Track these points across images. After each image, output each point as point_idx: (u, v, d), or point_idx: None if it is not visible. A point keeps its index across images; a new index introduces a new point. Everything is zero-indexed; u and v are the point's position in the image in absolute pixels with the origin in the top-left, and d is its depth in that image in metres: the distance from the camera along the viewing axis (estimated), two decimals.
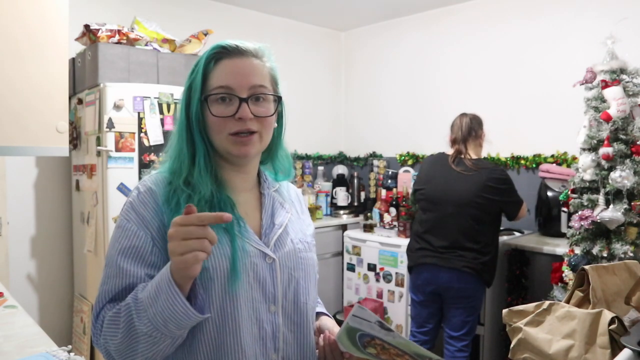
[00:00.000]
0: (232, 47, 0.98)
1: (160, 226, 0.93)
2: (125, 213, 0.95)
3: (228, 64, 0.97)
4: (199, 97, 0.96)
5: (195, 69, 0.99)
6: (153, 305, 0.82)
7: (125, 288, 0.89)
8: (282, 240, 1.03)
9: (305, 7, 3.89)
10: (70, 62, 2.75)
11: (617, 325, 0.98)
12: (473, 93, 3.68)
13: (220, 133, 0.96)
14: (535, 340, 1.07)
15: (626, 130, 2.31)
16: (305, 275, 1.05)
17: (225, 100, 0.95)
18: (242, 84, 0.95)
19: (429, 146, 3.91)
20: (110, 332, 0.86)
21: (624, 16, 2.65)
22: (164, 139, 2.64)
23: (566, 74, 2.98)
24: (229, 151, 0.97)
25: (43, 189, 3.01)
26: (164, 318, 0.81)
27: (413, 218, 3.45)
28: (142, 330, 0.83)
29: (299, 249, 1.05)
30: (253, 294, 0.95)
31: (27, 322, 1.59)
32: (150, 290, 0.83)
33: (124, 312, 0.85)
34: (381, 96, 4.29)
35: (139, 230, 0.92)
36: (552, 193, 3.01)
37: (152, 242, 0.92)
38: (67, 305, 3.07)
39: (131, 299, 0.85)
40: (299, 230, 1.09)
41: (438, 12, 3.89)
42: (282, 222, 1.06)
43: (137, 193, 0.96)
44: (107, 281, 0.91)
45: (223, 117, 0.95)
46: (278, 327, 0.98)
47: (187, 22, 3.39)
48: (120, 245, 0.92)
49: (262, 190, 1.08)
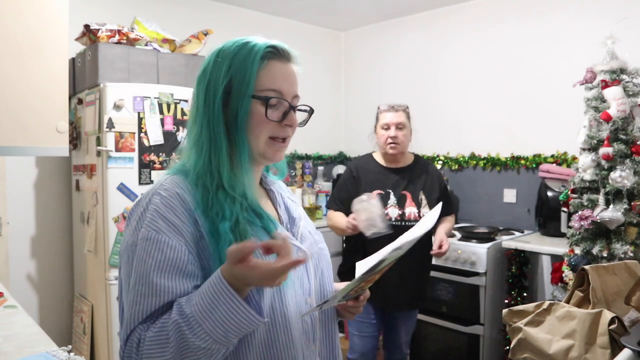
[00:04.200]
0: (283, 49, 0.96)
1: (193, 231, 0.87)
2: (150, 223, 0.86)
3: (279, 66, 0.95)
4: (250, 94, 0.91)
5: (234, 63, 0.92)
6: (210, 318, 0.77)
7: (163, 306, 0.83)
8: (304, 233, 1.06)
9: (305, 7, 3.89)
10: (70, 62, 2.75)
11: (617, 325, 0.98)
12: (473, 93, 3.68)
13: (261, 134, 0.93)
14: (535, 340, 1.07)
15: (626, 130, 2.31)
16: (326, 264, 1.09)
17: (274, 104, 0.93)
18: (290, 90, 0.95)
19: (428, 146, 3.91)
20: (156, 353, 0.80)
21: (624, 16, 2.65)
22: (164, 139, 2.64)
23: (566, 74, 2.98)
24: (263, 153, 0.95)
25: (43, 189, 3.01)
26: (225, 329, 0.78)
27: None
28: (199, 345, 0.78)
29: (317, 240, 1.08)
30: (295, 289, 0.96)
31: (27, 322, 1.58)
32: (203, 303, 0.78)
33: (173, 329, 0.78)
34: (381, 96, 4.28)
35: (171, 240, 0.85)
36: (552, 193, 3.01)
37: (187, 249, 0.86)
38: (67, 305, 3.07)
39: (178, 315, 0.79)
40: (308, 223, 1.11)
41: (438, 12, 3.89)
42: (299, 215, 1.08)
43: (159, 198, 0.88)
44: (140, 301, 0.83)
45: (274, 120, 0.93)
46: (315, 319, 1.01)
47: (187, 22, 3.39)
48: (153, 260, 0.83)
49: (265, 186, 1.09)
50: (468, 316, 2.93)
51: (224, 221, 0.87)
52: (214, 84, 0.93)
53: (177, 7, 3.49)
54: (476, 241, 3.01)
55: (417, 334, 3.21)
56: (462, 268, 2.95)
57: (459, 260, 2.96)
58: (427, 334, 3.16)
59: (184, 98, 2.72)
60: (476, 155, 3.66)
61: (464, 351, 2.96)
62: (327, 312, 1.06)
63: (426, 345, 3.19)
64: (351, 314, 1.09)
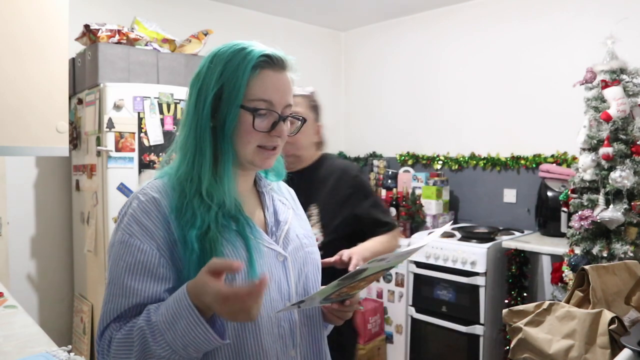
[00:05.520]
0: (278, 58, 0.95)
1: (166, 236, 0.89)
2: (126, 227, 0.89)
3: (271, 76, 0.94)
4: (239, 104, 0.91)
5: (226, 69, 0.92)
6: (171, 330, 0.79)
7: (133, 307, 0.86)
8: (289, 236, 1.04)
9: (305, 7, 3.89)
10: (70, 62, 2.75)
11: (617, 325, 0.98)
12: (473, 93, 3.68)
13: (249, 144, 0.93)
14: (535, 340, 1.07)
15: (626, 130, 2.31)
16: (313, 269, 1.06)
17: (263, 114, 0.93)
18: (281, 101, 0.95)
19: (429, 146, 3.91)
20: (121, 354, 0.84)
21: (624, 16, 2.64)
22: (164, 139, 2.64)
23: (566, 74, 2.98)
24: (252, 161, 0.96)
25: (43, 189, 3.01)
26: (184, 343, 0.79)
27: (413, 218, 3.46)
28: (160, 354, 0.80)
29: (304, 243, 1.06)
30: (271, 295, 0.94)
31: (27, 322, 1.58)
32: (167, 315, 0.80)
33: (137, 334, 0.82)
34: (381, 96, 4.29)
35: (142, 244, 0.87)
36: (552, 193, 3.01)
37: (159, 253, 0.88)
38: (67, 305, 3.07)
39: (144, 322, 0.82)
40: (300, 226, 1.09)
41: (438, 12, 3.89)
42: (286, 219, 1.06)
43: (137, 203, 0.91)
44: (111, 299, 0.88)
45: (262, 131, 0.93)
46: (295, 324, 0.99)
47: (187, 22, 3.39)
48: (125, 263, 0.87)
49: (259, 188, 1.08)
50: (468, 316, 2.93)
51: (192, 229, 0.88)
52: (205, 88, 0.93)
53: (177, 7, 3.49)
54: (476, 241, 3.01)
55: (417, 334, 3.22)
56: (462, 268, 2.95)
57: (459, 260, 2.97)
58: (427, 334, 3.16)
59: (184, 98, 2.71)
60: (476, 155, 3.66)
61: (464, 351, 2.96)
62: (312, 316, 1.04)
63: (426, 345, 3.19)
64: (338, 319, 1.06)
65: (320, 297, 0.92)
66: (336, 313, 1.04)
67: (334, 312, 1.04)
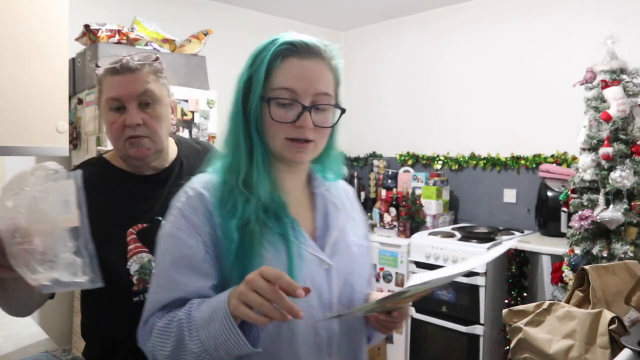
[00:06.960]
0: (301, 44, 0.90)
1: (211, 232, 0.89)
2: (174, 221, 0.91)
3: (296, 64, 0.90)
4: (259, 94, 0.90)
5: (256, 60, 0.91)
6: (206, 328, 0.80)
7: (177, 299, 0.87)
8: (338, 244, 0.98)
9: (305, 7, 3.89)
10: (70, 62, 2.75)
11: (617, 325, 0.98)
12: (473, 93, 3.68)
13: (276, 136, 0.91)
14: (535, 340, 1.07)
15: (626, 130, 2.31)
16: (360, 279, 1.01)
17: (287, 104, 0.89)
18: (307, 89, 0.89)
19: (428, 146, 3.91)
20: (159, 343, 0.85)
21: (624, 16, 2.64)
22: None
23: (566, 74, 2.98)
24: (281, 155, 0.93)
25: None
26: (216, 344, 0.80)
27: (413, 218, 3.46)
28: (192, 349, 0.81)
29: (354, 252, 1.01)
30: (310, 302, 0.90)
31: (27, 322, 1.58)
32: (205, 313, 0.81)
33: (176, 326, 0.83)
34: (381, 96, 4.29)
35: (189, 239, 0.88)
36: (552, 193, 3.01)
37: (204, 249, 0.88)
38: (67, 305, 3.07)
39: (184, 315, 0.83)
40: (352, 232, 1.04)
41: (438, 12, 3.89)
42: (337, 224, 1.00)
43: (185, 198, 0.92)
44: (158, 291, 0.89)
45: (283, 122, 0.89)
46: (333, 333, 0.95)
47: (187, 22, 3.39)
48: (172, 256, 0.89)
49: (312, 189, 1.02)
50: (468, 316, 2.93)
51: (233, 219, 0.88)
52: (239, 81, 0.94)
53: (177, 7, 3.49)
54: (476, 241, 3.01)
55: (417, 334, 3.22)
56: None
57: (459, 260, 2.96)
58: (427, 334, 3.16)
59: (184, 98, 2.71)
60: (476, 155, 3.65)
61: (464, 351, 2.96)
62: (353, 327, 0.99)
63: (426, 345, 3.19)
64: (386, 329, 1.00)
65: (360, 311, 0.91)
66: (384, 323, 0.99)
67: (381, 322, 0.98)
